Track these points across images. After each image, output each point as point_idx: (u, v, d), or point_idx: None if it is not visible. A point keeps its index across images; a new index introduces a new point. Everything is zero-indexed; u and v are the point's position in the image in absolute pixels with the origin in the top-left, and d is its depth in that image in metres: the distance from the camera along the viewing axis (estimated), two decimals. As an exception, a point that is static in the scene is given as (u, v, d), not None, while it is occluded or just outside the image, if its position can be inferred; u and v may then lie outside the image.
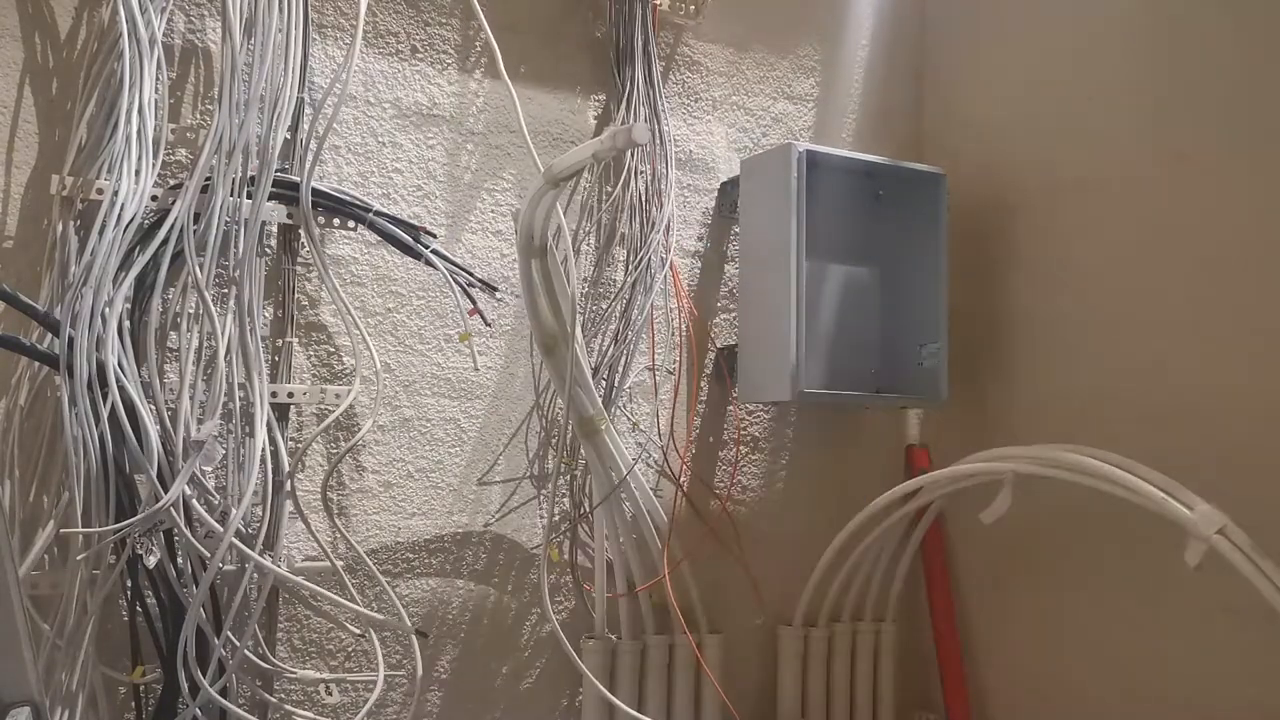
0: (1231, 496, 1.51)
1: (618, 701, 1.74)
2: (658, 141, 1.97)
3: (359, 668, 1.72)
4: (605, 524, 1.82)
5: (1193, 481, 1.54)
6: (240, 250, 1.53)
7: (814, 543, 2.04)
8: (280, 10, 1.58)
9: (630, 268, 1.93)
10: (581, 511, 1.90)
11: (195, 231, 1.49)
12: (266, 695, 1.61)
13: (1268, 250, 1.65)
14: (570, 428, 1.73)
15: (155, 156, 1.51)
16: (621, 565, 1.84)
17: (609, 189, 1.96)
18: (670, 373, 1.99)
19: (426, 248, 1.71)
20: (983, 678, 2.10)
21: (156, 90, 1.53)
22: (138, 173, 1.48)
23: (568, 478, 1.89)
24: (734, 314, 2.08)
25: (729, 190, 2.08)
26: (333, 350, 1.73)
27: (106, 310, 1.40)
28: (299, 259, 1.68)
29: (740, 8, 2.15)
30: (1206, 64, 1.76)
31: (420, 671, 1.70)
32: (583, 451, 1.80)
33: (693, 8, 2.05)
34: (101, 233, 1.42)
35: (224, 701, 1.45)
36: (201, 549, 1.44)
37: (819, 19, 2.27)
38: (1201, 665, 1.70)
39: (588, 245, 1.96)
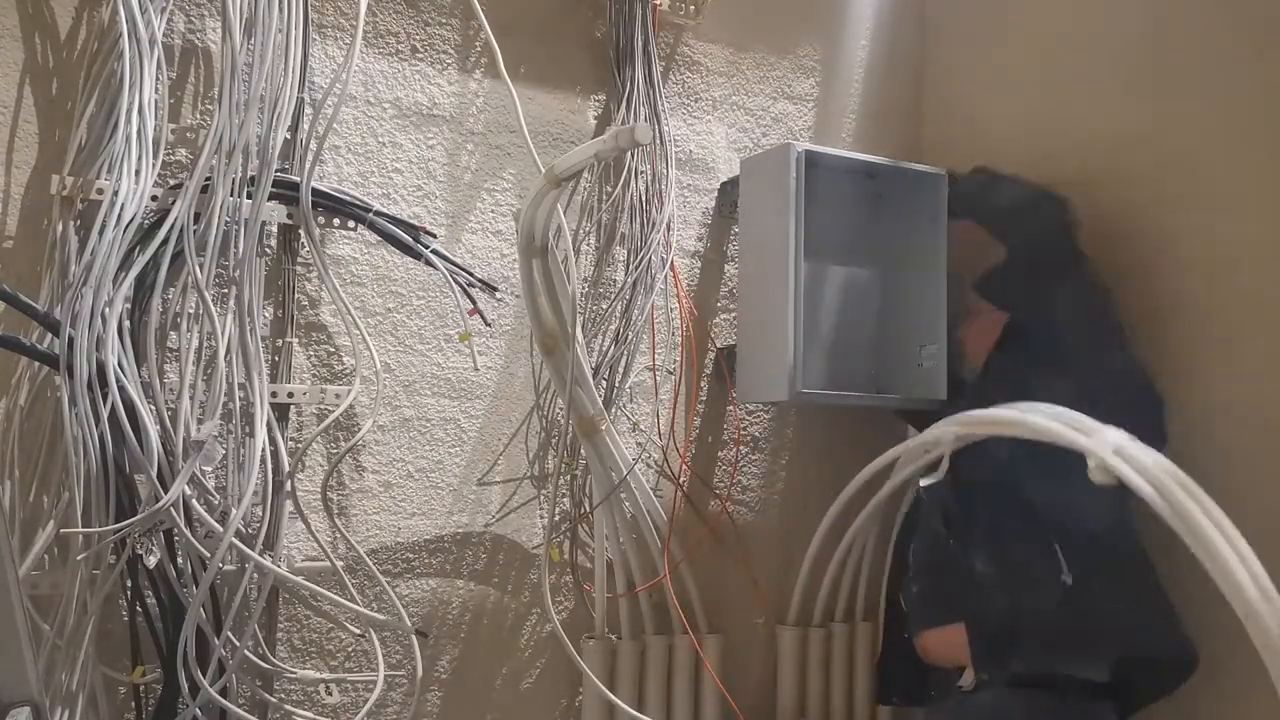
0: (1231, 492, 1.51)
1: (618, 701, 1.74)
2: (658, 141, 1.97)
3: (359, 668, 1.72)
4: (605, 524, 1.82)
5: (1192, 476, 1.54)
6: (240, 250, 1.53)
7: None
8: (280, 10, 1.58)
9: (630, 268, 1.93)
10: (581, 511, 1.90)
11: (195, 231, 1.49)
12: (266, 695, 1.61)
13: (1269, 249, 1.65)
14: (570, 428, 1.73)
15: (155, 156, 1.51)
16: (621, 565, 1.84)
17: (609, 189, 1.96)
18: (670, 373, 1.99)
19: (426, 248, 1.71)
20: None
21: (156, 90, 1.53)
22: (138, 173, 1.48)
23: (568, 478, 1.89)
24: (734, 314, 2.08)
25: (729, 190, 2.08)
26: (333, 350, 1.73)
27: (106, 310, 1.40)
28: (299, 259, 1.68)
29: (740, 8, 2.15)
30: (1206, 63, 1.76)
31: (420, 671, 1.70)
32: (583, 451, 1.80)
33: (693, 8, 2.05)
34: (101, 233, 1.42)
35: (224, 701, 1.45)
36: (201, 549, 1.44)
37: (819, 19, 2.27)
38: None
39: (588, 245, 1.96)
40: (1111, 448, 1.41)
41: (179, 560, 1.45)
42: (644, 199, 1.94)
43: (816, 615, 2.04)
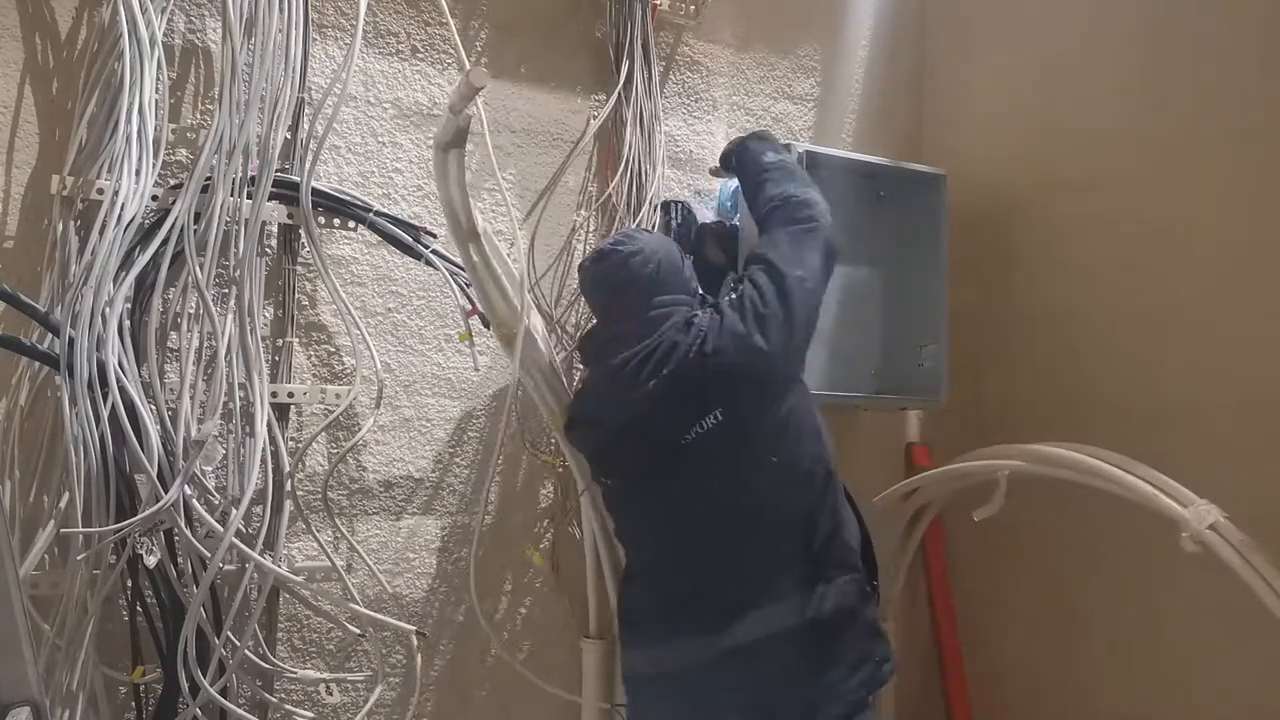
0: (1232, 494, 1.52)
1: (615, 703, 1.73)
2: (649, 140, 1.96)
3: (359, 668, 1.72)
4: (594, 523, 1.81)
5: (1191, 479, 1.55)
6: (240, 250, 1.53)
7: (814, 543, 2.04)
8: (280, 10, 1.58)
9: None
10: (565, 512, 1.89)
11: (195, 231, 1.49)
12: (266, 695, 1.61)
13: (1267, 249, 1.65)
14: (509, 421, 1.71)
15: (155, 156, 1.51)
16: (611, 564, 1.84)
17: (608, 189, 1.96)
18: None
19: (426, 248, 1.71)
20: (984, 678, 2.10)
21: (156, 90, 1.53)
22: (138, 173, 1.47)
23: (554, 475, 1.89)
24: (734, 314, 2.07)
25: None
26: (333, 350, 1.73)
27: (107, 310, 1.40)
28: (299, 259, 1.68)
29: (740, 8, 2.16)
30: (1205, 64, 1.76)
31: (420, 672, 1.70)
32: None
33: (693, 8, 2.05)
34: (102, 233, 1.42)
35: (224, 701, 1.45)
36: (202, 549, 1.44)
37: (819, 19, 2.27)
38: (1202, 662, 1.70)
39: (586, 246, 1.96)
40: (1207, 523, 1.48)
41: (179, 560, 1.45)
42: (641, 199, 1.94)
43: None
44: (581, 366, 1.78)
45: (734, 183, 1.86)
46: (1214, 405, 1.70)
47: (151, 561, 1.39)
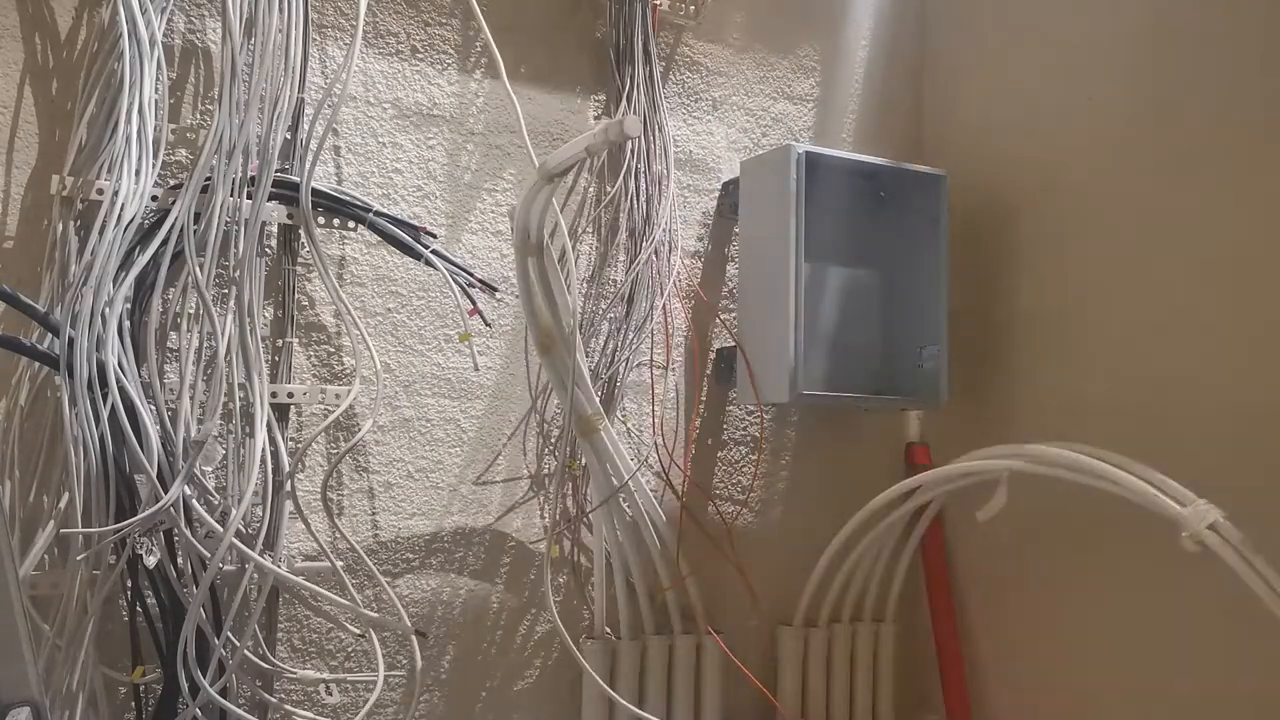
0: (1232, 495, 1.52)
1: (620, 699, 1.73)
2: (655, 139, 1.96)
3: (359, 668, 1.72)
4: (605, 525, 1.82)
5: (1192, 480, 1.55)
6: (240, 250, 1.53)
7: (814, 543, 2.05)
8: (280, 10, 1.58)
9: (630, 267, 1.93)
10: (581, 513, 1.89)
11: (195, 232, 1.49)
12: (266, 695, 1.61)
13: (1266, 250, 1.65)
14: (570, 428, 1.72)
15: (155, 156, 1.51)
16: (621, 567, 1.84)
17: (609, 189, 1.96)
18: (671, 372, 1.99)
19: (426, 248, 1.71)
20: (983, 677, 2.10)
21: (156, 90, 1.53)
22: (138, 173, 1.47)
23: (569, 478, 1.89)
24: (734, 314, 2.08)
25: (731, 190, 2.08)
26: (333, 350, 1.73)
27: (106, 310, 1.40)
28: (299, 259, 1.68)
29: (740, 8, 2.16)
30: (1205, 64, 1.76)
31: (419, 671, 1.70)
32: (580, 452, 1.80)
33: (693, 8, 2.05)
34: (101, 233, 1.42)
35: (224, 702, 1.45)
36: (201, 549, 1.44)
37: (819, 19, 2.27)
38: (1203, 662, 1.70)
39: (587, 245, 1.96)
40: (1207, 522, 1.48)
41: (179, 560, 1.45)
42: (645, 199, 1.94)
43: (822, 619, 2.05)
44: None
45: None
46: (1214, 405, 1.70)
47: (151, 562, 1.39)
